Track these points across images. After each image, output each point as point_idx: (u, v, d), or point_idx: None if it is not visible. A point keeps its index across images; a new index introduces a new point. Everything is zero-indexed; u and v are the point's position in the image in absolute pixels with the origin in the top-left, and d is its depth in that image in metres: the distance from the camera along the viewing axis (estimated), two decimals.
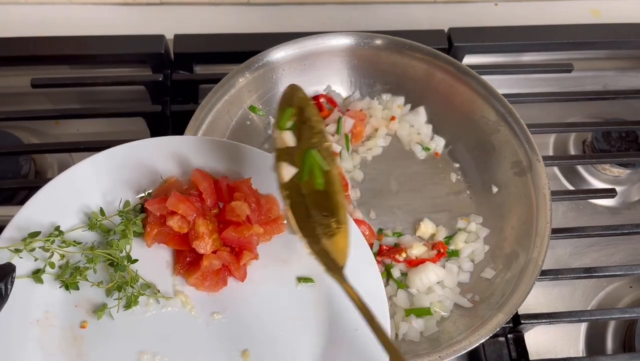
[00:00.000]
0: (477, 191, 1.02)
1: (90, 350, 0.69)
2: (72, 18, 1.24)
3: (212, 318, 0.73)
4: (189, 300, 0.73)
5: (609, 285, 1.04)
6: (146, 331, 0.71)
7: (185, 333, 0.71)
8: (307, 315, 0.75)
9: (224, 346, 0.72)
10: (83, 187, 0.75)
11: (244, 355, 0.72)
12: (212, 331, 0.72)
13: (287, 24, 1.27)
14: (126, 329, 0.71)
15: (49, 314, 0.70)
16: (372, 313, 0.65)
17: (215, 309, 0.73)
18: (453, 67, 1.01)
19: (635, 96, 1.18)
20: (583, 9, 1.34)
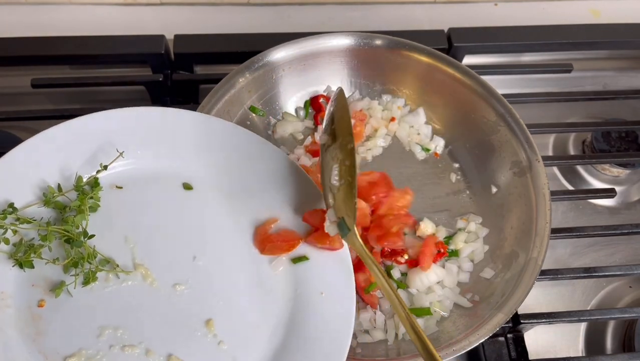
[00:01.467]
0: (477, 191, 1.02)
1: (49, 329, 0.68)
2: (72, 18, 1.24)
3: (174, 290, 0.72)
4: (149, 273, 0.72)
5: (609, 285, 1.04)
6: (107, 306, 0.70)
7: (147, 306, 0.71)
8: (271, 281, 0.75)
9: (187, 316, 0.71)
10: (39, 162, 0.73)
11: (208, 324, 0.71)
12: (174, 302, 0.71)
13: (287, 24, 1.27)
14: (86, 305, 0.70)
15: (3, 294, 0.68)
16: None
17: (177, 280, 0.73)
18: (453, 68, 1.01)
19: (635, 96, 1.18)
20: (583, 9, 1.34)
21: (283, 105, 1.06)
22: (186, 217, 0.77)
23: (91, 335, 0.68)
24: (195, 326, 0.71)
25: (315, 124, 1.07)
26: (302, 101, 1.08)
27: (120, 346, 0.68)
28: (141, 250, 0.74)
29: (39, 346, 0.67)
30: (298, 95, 1.07)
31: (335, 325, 0.72)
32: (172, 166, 0.80)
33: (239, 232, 0.78)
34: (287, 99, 1.06)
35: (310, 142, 1.05)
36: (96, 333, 0.68)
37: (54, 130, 0.74)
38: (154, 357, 0.68)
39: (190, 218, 0.77)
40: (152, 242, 0.75)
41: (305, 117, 1.08)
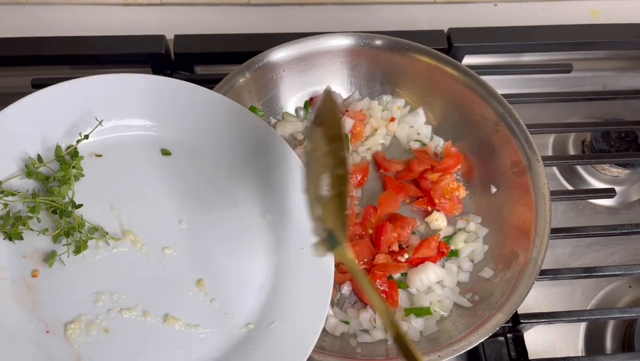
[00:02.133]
0: (477, 191, 1.03)
1: (45, 297, 0.69)
2: (73, 18, 1.24)
3: (163, 254, 0.74)
4: (138, 238, 0.74)
5: (608, 285, 1.04)
6: (100, 273, 0.71)
7: (139, 270, 0.73)
8: (254, 239, 0.78)
9: (179, 278, 0.74)
10: (18, 132, 0.73)
11: (199, 284, 0.74)
12: (165, 266, 0.74)
13: (287, 24, 1.27)
14: (79, 273, 0.71)
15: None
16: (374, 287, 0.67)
17: (166, 244, 0.75)
18: (453, 68, 1.01)
19: (634, 96, 1.18)
20: (583, 9, 1.35)
21: (283, 105, 1.07)
22: (167, 182, 0.79)
23: (88, 300, 0.70)
24: (187, 286, 0.74)
25: None
26: (302, 101, 1.08)
27: (118, 310, 0.70)
28: (127, 217, 0.75)
29: (38, 315, 0.68)
30: (298, 95, 1.07)
31: (316, 278, 0.76)
32: (150, 134, 0.81)
33: (220, 196, 0.80)
34: (287, 99, 1.06)
35: None
36: (93, 299, 0.70)
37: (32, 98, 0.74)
38: (151, 318, 0.71)
39: (171, 183, 0.79)
40: (137, 208, 0.76)
41: (305, 118, 1.08)
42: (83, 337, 0.68)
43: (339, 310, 0.91)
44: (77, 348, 0.67)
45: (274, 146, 0.83)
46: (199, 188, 0.80)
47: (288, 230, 0.79)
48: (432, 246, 0.95)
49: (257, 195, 0.81)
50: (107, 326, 0.69)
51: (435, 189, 0.99)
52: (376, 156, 1.05)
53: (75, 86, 0.78)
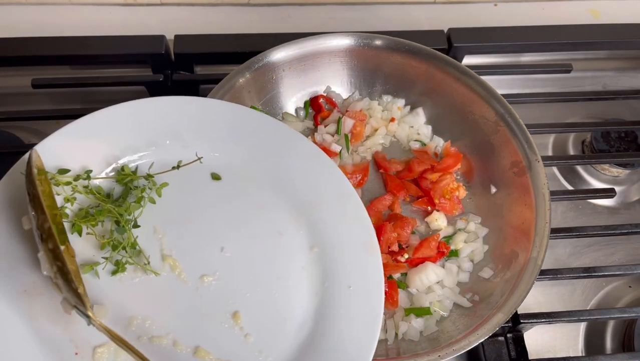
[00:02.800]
0: (477, 191, 1.03)
1: (79, 319, 0.67)
2: (73, 18, 1.24)
3: (201, 282, 0.72)
4: (177, 264, 0.72)
5: (608, 285, 1.04)
6: (135, 297, 0.70)
7: (175, 297, 0.71)
8: (298, 274, 0.74)
9: (215, 308, 0.71)
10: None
11: (235, 316, 0.71)
12: (201, 294, 0.71)
13: (287, 24, 1.27)
14: (115, 296, 0.70)
15: (36, 284, 0.68)
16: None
17: (205, 272, 0.73)
18: (453, 68, 1.01)
19: (634, 96, 1.18)
20: (583, 9, 1.35)
21: (283, 105, 1.07)
22: (214, 208, 0.77)
23: (120, 325, 0.68)
24: (222, 318, 0.71)
25: (315, 125, 1.07)
26: (302, 101, 1.08)
27: (149, 337, 0.69)
28: (169, 241, 0.73)
29: (69, 336, 0.67)
30: (298, 95, 1.07)
31: (364, 320, 0.71)
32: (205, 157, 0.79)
33: (267, 224, 0.77)
34: (287, 100, 1.06)
35: None
36: (125, 323, 0.69)
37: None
38: (181, 348, 0.68)
39: (218, 209, 0.77)
40: (180, 233, 0.75)
41: (305, 118, 1.08)
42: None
43: None
44: None
45: (325, 174, 0.79)
46: (246, 215, 0.77)
47: (335, 265, 0.74)
48: (432, 246, 0.95)
49: (305, 226, 0.77)
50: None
51: (435, 189, 0.99)
52: (376, 156, 1.05)
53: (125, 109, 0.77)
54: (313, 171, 0.79)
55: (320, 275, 0.74)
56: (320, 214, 0.77)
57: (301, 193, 0.78)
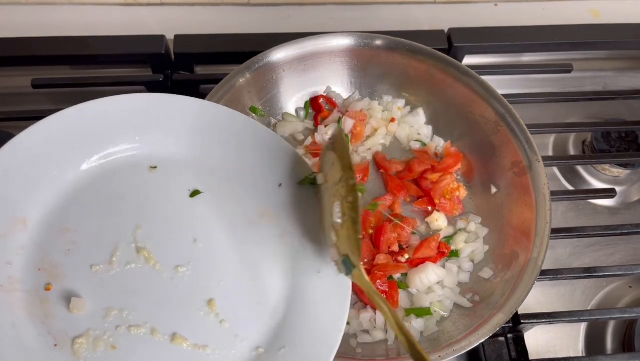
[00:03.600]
0: (477, 191, 1.03)
1: (56, 311, 0.69)
2: (73, 18, 1.24)
3: (175, 272, 0.74)
4: (152, 255, 0.74)
5: (609, 285, 1.04)
6: (111, 288, 0.71)
7: (151, 287, 0.72)
8: (270, 260, 0.77)
9: (190, 297, 0.73)
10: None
11: (210, 303, 0.73)
12: (176, 284, 0.73)
13: (287, 24, 1.27)
14: (91, 288, 0.71)
15: (11, 278, 0.69)
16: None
17: (179, 262, 0.74)
18: (453, 68, 1.01)
19: (634, 96, 1.18)
20: (583, 9, 1.35)
21: (283, 105, 1.07)
22: (185, 201, 0.79)
23: (97, 315, 0.69)
24: (198, 306, 0.73)
25: (315, 125, 1.07)
26: (302, 101, 1.08)
27: (126, 326, 0.70)
28: (143, 234, 0.75)
29: (48, 328, 0.68)
30: (298, 95, 1.07)
31: (332, 303, 0.75)
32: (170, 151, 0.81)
33: (237, 214, 0.79)
34: (287, 100, 1.06)
35: (311, 143, 1.05)
36: (102, 314, 0.70)
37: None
38: (159, 336, 0.70)
39: (189, 201, 0.79)
40: (153, 225, 0.76)
41: (305, 118, 1.08)
42: (90, 352, 0.67)
43: None
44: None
45: (296, 168, 0.82)
46: (215, 207, 0.79)
47: (305, 252, 0.78)
48: (432, 246, 0.95)
49: (274, 215, 0.80)
50: (114, 343, 0.69)
51: (435, 189, 0.99)
52: (376, 156, 1.05)
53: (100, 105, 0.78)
54: (275, 161, 0.82)
55: (291, 261, 0.77)
56: (289, 206, 0.80)
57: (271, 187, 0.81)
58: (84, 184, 0.76)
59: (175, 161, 0.81)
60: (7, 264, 0.69)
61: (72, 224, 0.73)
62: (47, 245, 0.72)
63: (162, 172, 0.79)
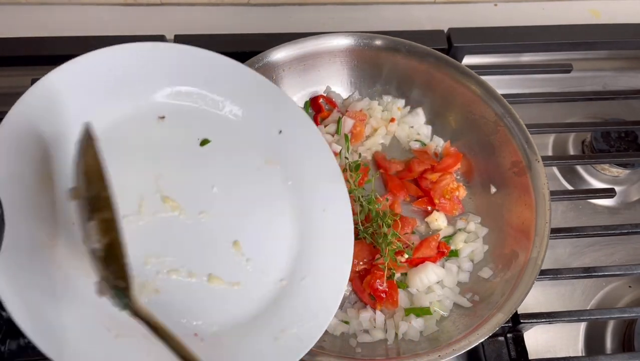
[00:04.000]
0: (477, 191, 1.03)
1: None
2: (72, 18, 1.24)
3: (200, 218, 0.78)
4: (177, 203, 0.77)
5: (608, 285, 1.04)
6: (145, 237, 0.74)
7: (180, 234, 0.77)
8: (279, 203, 0.84)
9: (217, 240, 0.78)
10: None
11: (235, 245, 0.79)
12: (202, 229, 0.78)
13: (287, 24, 1.27)
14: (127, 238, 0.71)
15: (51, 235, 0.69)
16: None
17: (202, 208, 0.79)
18: (452, 68, 1.02)
19: (634, 96, 1.18)
20: (583, 9, 1.35)
21: None
22: (197, 149, 0.84)
23: (138, 263, 0.71)
24: (225, 247, 0.78)
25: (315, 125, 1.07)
26: (302, 101, 1.08)
27: (166, 271, 0.74)
28: (165, 183, 0.79)
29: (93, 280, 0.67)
30: (298, 95, 1.07)
31: (339, 235, 0.84)
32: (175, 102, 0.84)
33: (244, 162, 0.85)
34: None
35: None
36: (142, 262, 0.73)
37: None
38: (196, 278, 0.75)
39: (200, 150, 0.84)
40: (172, 175, 0.80)
41: None
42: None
43: (339, 310, 0.91)
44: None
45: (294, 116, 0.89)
46: (226, 155, 0.84)
47: (309, 194, 0.85)
48: (432, 246, 0.95)
49: (279, 162, 0.86)
50: (157, 287, 0.72)
51: (435, 189, 0.99)
52: (376, 156, 1.05)
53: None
54: (275, 110, 0.88)
55: (298, 202, 0.85)
56: (290, 153, 0.87)
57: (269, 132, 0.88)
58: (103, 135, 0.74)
59: (181, 111, 0.84)
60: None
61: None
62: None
63: (170, 122, 0.82)
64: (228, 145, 0.85)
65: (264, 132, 0.87)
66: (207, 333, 0.72)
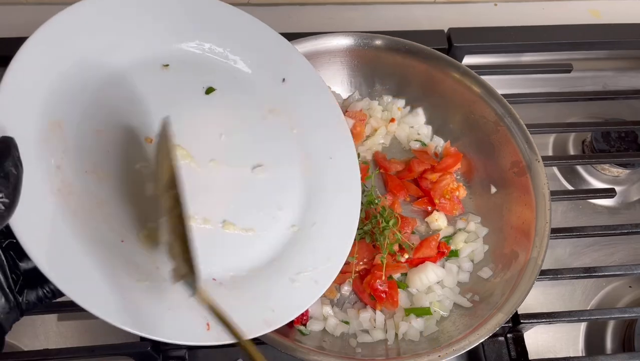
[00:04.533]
0: (477, 191, 1.03)
1: (115, 210, 0.70)
2: None
3: (210, 166, 0.78)
4: (187, 152, 0.77)
5: (608, 285, 1.04)
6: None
7: (192, 182, 0.74)
8: (287, 150, 0.84)
9: (228, 187, 0.78)
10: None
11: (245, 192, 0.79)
12: (214, 177, 0.78)
13: (287, 24, 1.27)
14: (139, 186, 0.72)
15: (64, 183, 0.68)
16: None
17: (212, 157, 0.78)
18: (453, 68, 1.02)
19: (635, 96, 1.18)
20: (583, 9, 1.35)
21: None
22: (203, 98, 0.83)
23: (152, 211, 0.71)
24: (236, 195, 0.79)
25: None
26: None
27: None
28: (174, 131, 0.76)
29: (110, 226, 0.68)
30: None
31: (346, 182, 0.85)
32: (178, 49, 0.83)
33: (249, 111, 0.84)
34: None
35: None
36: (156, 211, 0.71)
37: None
38: (211, 224, 0.75)
39: (206, 98, 0.83)
40: (180, 123, 0.77)
41: None
42: (154, 242, 0.69)
43: (339, 310, 0.91)
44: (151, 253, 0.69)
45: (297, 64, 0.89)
46: (232, 104, 0.84)
47: (315, 142, 0.85)
48: (432, 246, 0.95)
49: (283, 112, 0.86)
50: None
51: (435, 189, 0.99)
52: (376, 156, 1.05)
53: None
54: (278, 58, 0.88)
55: (305, 150, 0.85)
56: (295, 101, 0.87)
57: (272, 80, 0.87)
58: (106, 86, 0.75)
59: (185, 59, 0.83)
60: (57, 168, 0.67)
61: (104, 126, 0.73)
62: (87, 148, 0.71)
63: (174, 70, 0.81)
64: (233, 94, 0.84)
65: (268, 80, 0.87)
66: (225, 277, 0.73)
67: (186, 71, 0.82)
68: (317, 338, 0.87)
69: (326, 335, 0.88)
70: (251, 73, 0.86)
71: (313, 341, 0.86)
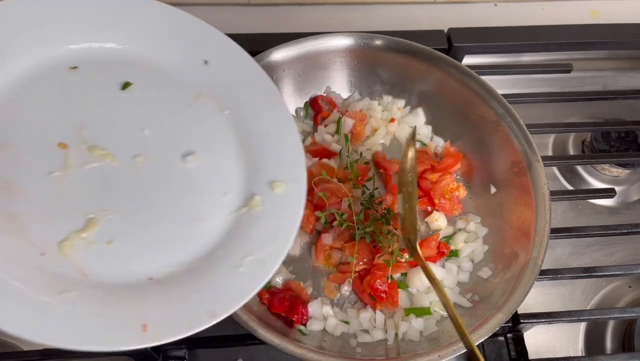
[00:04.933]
0: (476, 191, 1.03)
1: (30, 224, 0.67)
2: None
3: (135, 162, 0.75)
4: (106, 151, 0.74)
5: (608, 285, 1.04)
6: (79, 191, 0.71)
7: (118, 182, 0.73)
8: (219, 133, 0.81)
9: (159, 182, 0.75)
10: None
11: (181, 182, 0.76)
12: (140, 173, 0.75)
13: (287, 24, 1.27)
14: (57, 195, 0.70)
15: None
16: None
17: (135, 152, 0.75)
18: (452, 68, 1.02)
19: (634, 96, 1.18)
20: (583, 9, 1.35)
21: None
22: (119, 94, 0.80)
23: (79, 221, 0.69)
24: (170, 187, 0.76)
25: (315, 125, 1.07)
26: (302, 101, 1.08)
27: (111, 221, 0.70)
28: (89, 133, 0.75)
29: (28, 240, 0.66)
30: (298, 95, 1.07)
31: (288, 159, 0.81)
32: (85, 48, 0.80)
33: (173, 99, 0.82)
34: (287, 100, 1.06)
35: (310, 143, 1.05)
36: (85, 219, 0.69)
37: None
38: (144, 221, 0.72)
39: (123, 94, 0.80)
40: (96, 123, 0.76)
41: (305, 118, 1.08)
42: (79, 252, 0.67)
43: (339, 310, 0.91)
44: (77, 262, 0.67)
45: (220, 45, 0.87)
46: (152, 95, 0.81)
47: (250, 119, 0.82)
48: (432, 246, 0.95)
49: (211, 95, 0.83)
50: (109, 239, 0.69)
51: (435, 189, 0.99)
52: (376, 156, 1.05)
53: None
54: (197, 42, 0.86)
55: (239, 130, 0.82)
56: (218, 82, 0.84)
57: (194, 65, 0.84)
58: (8, 97, 0.73)
59: (94, 57, 0.80)
60: None
61: (11, 139, 0.71)
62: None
63: (84, 71, 0.78)
64: (152, 85, 0.81)
65: (189, 66, 0.84)
66: (163, 274, 0.70)
67: (97, 69, 0.79)
68: (317, 338, 0.87)
69: (326, 334, 0.88)
70: (170, 62, 0.83)
71: (313, 341, 0.86)
